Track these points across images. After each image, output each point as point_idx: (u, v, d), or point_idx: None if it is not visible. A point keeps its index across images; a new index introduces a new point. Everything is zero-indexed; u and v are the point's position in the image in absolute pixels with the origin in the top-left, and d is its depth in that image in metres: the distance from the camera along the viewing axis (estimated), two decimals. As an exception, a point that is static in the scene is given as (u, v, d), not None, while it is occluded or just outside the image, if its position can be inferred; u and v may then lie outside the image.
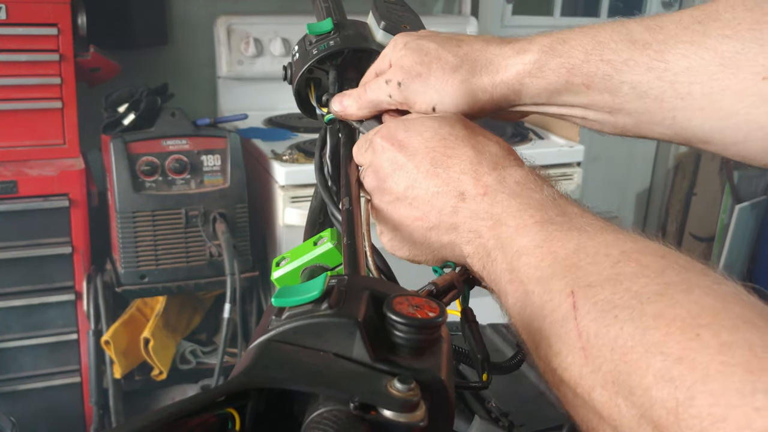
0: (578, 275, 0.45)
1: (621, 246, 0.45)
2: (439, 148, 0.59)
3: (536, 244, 0.49)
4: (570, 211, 0.51)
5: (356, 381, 0.37)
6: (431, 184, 0.58)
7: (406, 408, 0.35)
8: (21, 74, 2.03)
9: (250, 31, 2.60)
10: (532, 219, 0.51)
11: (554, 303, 0.45)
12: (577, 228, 0.49)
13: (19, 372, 2.11)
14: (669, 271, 0.42)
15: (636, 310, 0.40)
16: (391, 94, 0.69)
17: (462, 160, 0.57)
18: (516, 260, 0.50)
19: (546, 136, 2.50)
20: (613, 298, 0.41)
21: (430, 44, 0.68)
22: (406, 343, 0.40)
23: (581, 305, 0.43)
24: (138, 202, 2.04)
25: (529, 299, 0.48)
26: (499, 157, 0.58)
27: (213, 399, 0.35)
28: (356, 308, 0.41)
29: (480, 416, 0.76)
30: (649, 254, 0.44)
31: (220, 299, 2.20)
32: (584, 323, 0.42)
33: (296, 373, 0.37)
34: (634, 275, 0.42)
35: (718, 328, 0.36)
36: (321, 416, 0.35)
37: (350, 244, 0.56)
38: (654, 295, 0.40)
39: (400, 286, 0.48)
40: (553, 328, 0.44)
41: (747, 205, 3.27)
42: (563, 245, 0.48)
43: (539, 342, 0.46)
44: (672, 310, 0.38)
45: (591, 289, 0.43)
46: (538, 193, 0.53)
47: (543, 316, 0.46)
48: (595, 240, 0.47)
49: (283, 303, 0.42)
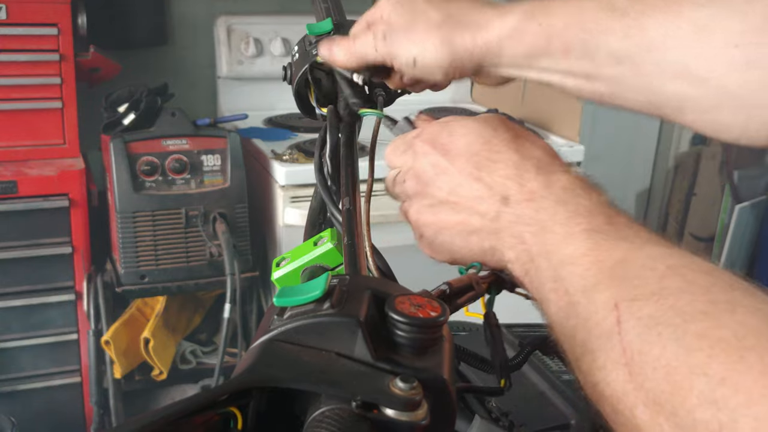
0: (623, 287, 0.44)
1: (667, 260, 0.45)
2: (483, 151, 0.58)
3: (582, 252, 0.49)
4: (617, 220, 0.51)
5: (358, 380, 0.37)
6: (474, 188, 0.57)
7: (408, 407, 0.35)
8: (21, 74, 2.03)
9: (250, 31, 2.60)
10: (579, 227, 0.51)
11: (599, 316, 0.44)
12: (623, 238, 0.49)
13: (19, 372, 2.11)
14: (715, 289, 0.41)
15: (680, 329, 0.39)
16: (376, 47, 0.71)
17: (506, 164, 0.57)
18: (561, 268, 0.50)
19: (546, 136, 2.50)
20: (657, 314, 0.41)
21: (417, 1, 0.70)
22: (408, 343, 0.40)
23: (625, 320, 0.42)
24: (138, 202, 2.04)
25: (573, 310, 0.47)
26: (544, 161, 0.57)
27: (216, 398, 0.36)
28: (358, 308, 0.41)
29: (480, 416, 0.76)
30: (695, 270, 0.43)
31: (220, 299, 2.20)
32: (628, 338, 0.42)
33: (298, 372, 0.37)
34: (680, 290, 0.42)
35: (762, 351, 0.36)
36: (323, 415, 0.35)
37: (350, 244, 0.56)
38: (698, 314, 0.39)
39: (402, 286, 0.48)
40: (599, 342, 0.44)
41: (747, 205, 3.27)
42: (609, 255, 0.47)
43: (582, 354, 0.45)
44: (716, 331, 0.38)
45: (635, 303, 0.43)
46: (585, 200, 0.53)
47: (588, 328, 0.45)
48: (642, 252, 0.47)
49: (285, 303, 0.42)
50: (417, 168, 0.62)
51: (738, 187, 3.38)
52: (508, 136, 0.59)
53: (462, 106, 2.88)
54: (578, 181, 0.55)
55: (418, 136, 0.63)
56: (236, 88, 2.63)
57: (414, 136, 0.63)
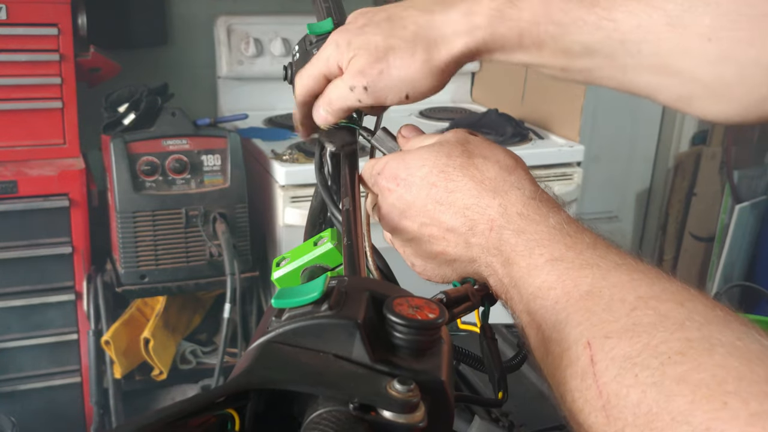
0: (593, 322, 0.43)
1: (636, 290, 0.44)
2: (440, 182, 0.59)
3: (549, 285, 0.48)
4: (580, 241, 0.50)
5: (356, 382, 0.37)
6: (441, 220, 0.58)
7: (405, 409, 0.35)
8: (21, 74, 2.03)
9: (250, 31, 2.60)
10: (541, 258, 0.50)
11: (572, 354, 0.43)
12: (588, 264, 0.48)
13: (19, 372, 2.11)
14: (689, 324, 0.40)
15: (658, 372, 0.38)
16: (360, 99, 0.68)
17: (463, 193, 0.57)
18: (532, 302, 0.49)
19: (546, 136, 2.50)
20: (631, 353, 0.40)
21: (375, 38, 0.67)
22: (406, 345, 0.40)
23: (599, 359, 0.41)
24: (138, 202, 2.04)
25: (548, 348, 0.47)
26: (499, 181, 0.57)
27: (213, 400, 0.35)
28: (356, 309, 0.41)
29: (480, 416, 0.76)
30: (666, 300, 0.42)
31: (220, 299, 2.20)
32: (603, 380, 0.40)
33: (296, 374, 0.37)
34: (653, 326, 0.40)
35: (745, 396, 0.35)
36: (320, 417, 0.35)
37: (350, 245, 0.56)
38: (675, 355, 0.38)
39: (401, 288, 0.48)
40: (574, 382, 0.43)
41: (747, 205, 3.27)
42: (576, 286, 0.46)
43: (564, 394, 0.44)
44: (696, 374, 0.37)
45: (608, 340, 0.41)
46: (543, 224, 0.52)
47: (563, 367, 0.44)
48: (609, 281, 0.46)
49: (283, 304, 0.42)
50: (385, 207, 0.63)
51: (738, 187, 3.38)
52: (462, 161, 0.59)
53: (462, 105, 2.88)
54: (532, 201, 0.55)
55: (380, 173, 0.63)
56: (236, 88, 2.63)
57: (378, 173, 0.64)
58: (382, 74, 0.66)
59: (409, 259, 0.64)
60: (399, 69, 0.66)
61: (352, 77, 0.68)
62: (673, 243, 3.50)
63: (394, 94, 0.68)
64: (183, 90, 2.40)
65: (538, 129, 2.53)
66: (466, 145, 0.61)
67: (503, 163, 0.59)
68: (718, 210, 3.38)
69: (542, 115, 2.58)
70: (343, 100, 0.69)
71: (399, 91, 0.67)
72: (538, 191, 0.56)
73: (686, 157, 3.44)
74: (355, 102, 0.69)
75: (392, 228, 0.63)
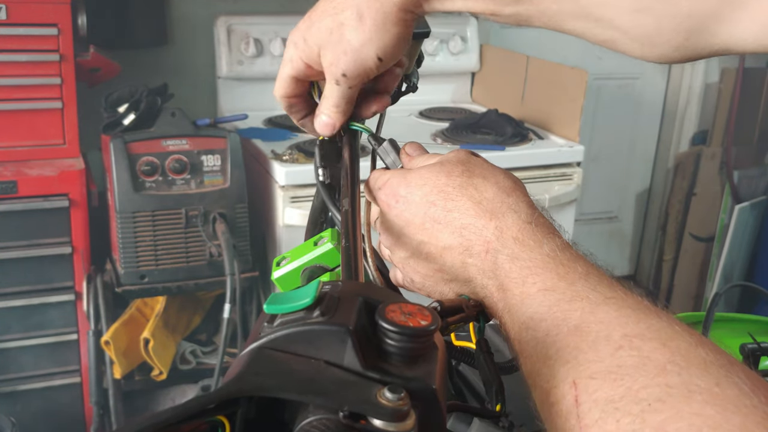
0: (580, 361, 0.44)
1: (623, 327, 0.45)
2: (439, 201, 0.60)
3: (540, 317, 0.49)
4: (573, 270, 0.51)
5: (346, 390, 0.37)
6: (439, 239, 0.59)
7: (395, 417, 0.35)
8: (21, 74, 2.03)
9: (250, 31, 2.60)
10: (534, 287, 0.51)
11: (558, 392, 0.45)
12: (579, 297, 0.49)
13: (19, 372, 2.11)
14: (670, 368, 0.41)
15: (638, 419, 0.39)
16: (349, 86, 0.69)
17: (461, 213, 0.58)
18: (523, 333, 0.50)
19: (546, 136, 2.50)
20: (614, 397, 0.41)
21: (324, 23, 0.67)
22: (398, 352, 0.40)
23: (583, 401, 0.42)
24: (138, 202, 2.04)
25: (537, 381, 0.48)
26: (496, 202, 0.58)
27: (203, 406, 0.35)
28: (348, 316, 0.41)
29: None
30: (651, 339, 0.43)
31: (220, 299, 2.20)
32: (586, 422, 0.42)
33: (286, 381, 0.37)
34: (635, 369, 0.41)
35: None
36: (310, 425, 0.35)
37: (348, 247, 0.56)
38: (655, 402, 0.39)
39: (395, 293, 0.48)
40: (559, 421, 0.44)
41: (747, 205, 3.26)
42: (565, 320, 0.47)
43: (550, 429, 0.46)
44: (673, 424, 0.38)
45: (592, 381, 0.43)
46: (537, 251, 0.53)
47: (550, 404, 0.45)
48: (596, 316, 0.47)
49: (275, 310, 0.42)
50: (385, 222, 0.64)
51: (738, 187, 3.38)
52: (461, 181, 0.60)
53: (462, 106, 2.88)
54: (528, 226, 0.56)
55: (381, 188, 0.64)
56: (236, 88, 2.63)
57: (379, 188, 0.65)
58: (347, 53, 0.67)
59: (408, 276, 0.64)
60: (356, 38, 0.66)
61: (329, 73, 0.69)
62: (673, 243, 3.50)
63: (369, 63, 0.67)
64: (183, 90, 2.40)
65: (538, 129, 2.53)
66: (467, 164, 0.62)
67: (502, 185, 0.60)
68: (718, 210, 3.37)
69: (542, 115, 2.58)
70: (337, 97, 0.70)
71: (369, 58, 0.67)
72: (534, 215, 0.57)
73: (686, 157, 3.43)
74: (346, 90, 0.69)
75: (391, 244, 0.64)
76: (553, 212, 1.46)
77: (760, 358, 1.02)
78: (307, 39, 0.69)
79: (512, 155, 2.31)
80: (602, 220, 3.59)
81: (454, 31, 2.85)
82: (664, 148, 3.53)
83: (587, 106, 2.62)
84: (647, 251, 3.68)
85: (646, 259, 3.70)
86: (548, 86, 2.58)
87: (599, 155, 3.36)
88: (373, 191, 0.66)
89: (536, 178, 2.35)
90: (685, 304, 3.44)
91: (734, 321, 1.28)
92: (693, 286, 3.47)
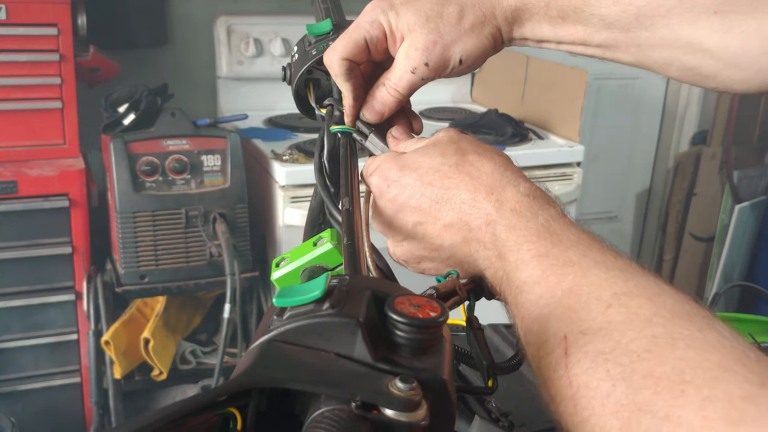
0: (572, 318, 0.46)
1: (612, 287, 0.47)
2: (435, 181, 0.60)
3: (534, 280, 0.51)
4: (566, 238, 0.53)
5: (358, 380, 0.37)
6: (439, 217, 0.60)
7: (407, 407, 0.35)
8: (21, 74, 2.03)
9: (250, 31, 2.60)
10: (529, 253, 0.53)
11: (549, 346, 0.46)
12: (571, 262, 0.50)
13: (19, 372, 2.11)
14: (656, 320, 0.43)
15: (628, 369, 0.41)
16: (423, 77, 0.69)
17: (460, 189, 0.59)
18: (519, 295, 0.52)
19: (546, 136, 2.50)
20: (604, 349, 0.43)
21: (424, 5, 0.69)
22: (408, 343, 0.40)
23: (573, 352, 0.44)
24: (138, 202, 2.04)
25: (529, 339, 0.50)
26: (495, 177, 0.59)
27: (215, 398, 0.35)
28: (358, 308, 0.41)
29: (480, 416, 0.76)
30: (638, 296, 0.45)
31: (220, 299, 2.20)
32: (574, 371, 0.44)
33: (298, 372, 0.37)
34: (624, 324, 0.44)
35: (700, 383, 0.38)
36: (323, 415, 0.35)
37: (350, 245, 0.56)
38: (643, 353, 0.41)
39: (401, 286, 0.48)
40: (548, 372, 0.46)
41: (747, 205, 3.27)
42: (559, 284, 0.49)
43: (541, 383, 0.47)
44: (660, 368, 0.40)
45: (583, 336, 0.45)
46: (533, 221, 0.55)
47: (540, 357, 0.47)
48: (588, 279, 0.49)
49: (284, 303, 0.42)
50: (378, 209, 0.64)
51: (738, 187, 3.38)
52: (456, 159, 0.61)
53: (462, 106, 2.88)
54: (527, 197, 0.57)
55: (371, 174, 0.65)
56: (236, 88, 2.63)
57: (370, 174, 0.65)
58: (437, 44, 0.68)
59: (401, 258, 0.65)
60: (451, 33, 0.68)
61: (409, 58, 0.68)
62: (673, 243, 3.50)
63: (451, 63, 0.69)
64: (183, 90, 2.40)
65: (538, 129, 2.53)
66: (459, 143, 0.63)
67: (497, 160, 0.61)
68: (718, 210, 3.38)
69: (542, 115, 2.58)
70: (405, 85, 0.70)
71: (454, 57, 0.69)
72: (532, 188, 0.58)
73: (686, 157, 3.44)
74: (418, 81, 0.70)
75: (385, 228, 0.64)
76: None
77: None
78: (400, 13, 0.69)
79: (512, 155, 2.28)
80: (602, 220, 3.59)
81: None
82: (664, 148, 3.53)
83: (587, 106, 2.63)
84: (647, 251, 3.68)
85: (646, 259, 3.70)
86: (548, 86, 2.58)
87: (599, 155, 3.36)
88: (365, 178, 0.67)
89: (536, 178, 2.33)
90: (684, 304, 3.44)
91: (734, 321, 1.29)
92: (693, 286, 3.47)
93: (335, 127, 0.73)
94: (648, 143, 3.56)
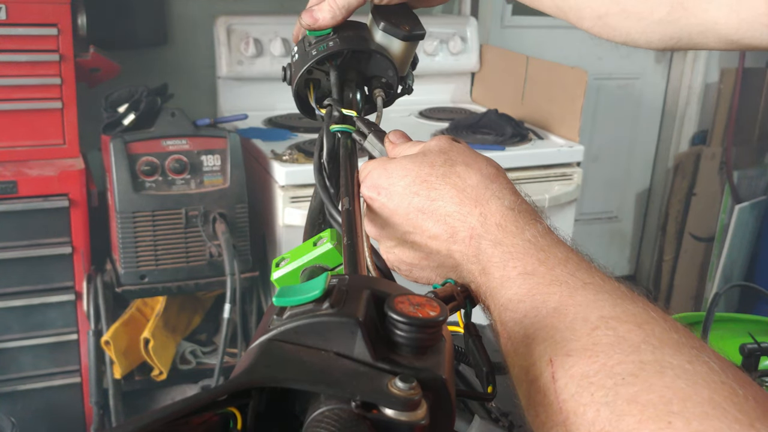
0: (557, 340, 0.45)
1: (600, 310, 0.46)
2: (422, 191, 0.60)
3: (519, 298, 0.50)
4: (553, 256, 0.52)
5: (357, 380, 0.37)
6: (424, 228, 0.60)
7: (407, 407, 0.35)
8: (21, 74, 2.03)
9: (250, 31, 2.60)
10: (514, 270, 0.52)
11: (536, 369, 0.45)
12: (558, 281, 0.49)
13: (19, 372, 2.11)
14: (644, 347, 0.42)
15: (611, 392, 0.40)
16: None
17: (445, 201, 0.59)
18: (503, 313, 0.51)
19: (546, 136, 2.50)
20: (588, 372, 0.42)
21: None
22: (408, 342, 0.40)
23: (560, 376, 0.43)
24: (138, 202, 2.04)
25: (515, 359, 0.49)
26: (480, 189, 0.58)
27: (215, 398, 0.35)
28: (357, 307, 0.41)
29: (480, 416, 0.76)
30: (627, 322, 0.44)
31: (220, 299, 2.20)
32: (563, 397, 0.43)
33: (297, 372, 0.37)
34: (610, 347, 0.43)
35: (688, 416, 0.37)
36: (322, 415, 0.35)
37: (350, 244, 0.56)
38: (629, 376, 0.40)
39: (401, 286, 0.48)
40: (537, 397, 0.45)
41: (747, 205, 3.27)
42: (544, 303, 0.48)
43: (529, 407, 0.46)
44: (645, 395, 0.39)
45: (569, 359, 0.43)
46: (519, 237, 0.54)
47: (529, 381, 0.46)
48: (575, 299, 0.47)
49: (284, 302, 0.42)
50: (369, 215, 0.64)
51: (738, 187, 3.38)
52: (444, 170, 0.60)
53: (462, 106, 2.88)
54: (510, 212, 0.56)
55: (363, 181, 0.65)
56: (236, 88, 2.63)
57: (361, 180, 0.65)
58: None
59: (394, 264, 0.65)
60: None
61: None
62: (673, 243, 3.50)
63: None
64: (183, 90, 2.41)
65: (537, 129, 2.53)
66: (449, 153, 0.62)
67: (485, 172, 0.60)
68: (718, 210, 3.38)
69: (542, 115, 2.58)
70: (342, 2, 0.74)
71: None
72: (518, 201, 0.58)
73: (686, 157, 3.44)
74: None
75: (377, 234, 0.64)
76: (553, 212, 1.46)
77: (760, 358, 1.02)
78: None
79: (512, 155, 2.32)
80: (602, 220, 3.59)
81: (453, 31, 2.85)
82: (664, 148, 3.53)
83: (587, 106, 2.63)
84: (647, 251, 3.69)
85: (646, 259, 3.70)
86: (548, 86, 2.59)
87: (599, 155, 3.37)
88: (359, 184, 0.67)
89: (536, 178, 2.35)
90: (685, 304, 3.45)
91: (734, 321, 1.29)
92: (693, 286, 3.47)
93: (335, 126, 0.73)
94: (648, 143, 3.56)
